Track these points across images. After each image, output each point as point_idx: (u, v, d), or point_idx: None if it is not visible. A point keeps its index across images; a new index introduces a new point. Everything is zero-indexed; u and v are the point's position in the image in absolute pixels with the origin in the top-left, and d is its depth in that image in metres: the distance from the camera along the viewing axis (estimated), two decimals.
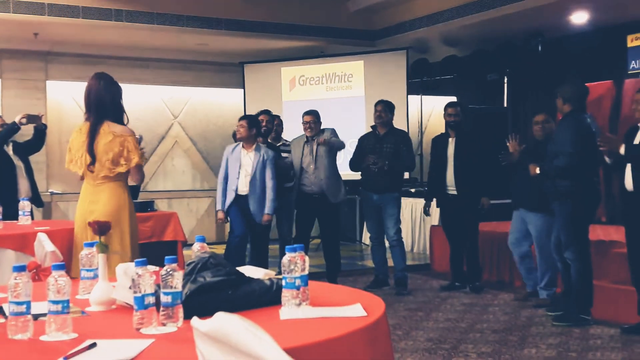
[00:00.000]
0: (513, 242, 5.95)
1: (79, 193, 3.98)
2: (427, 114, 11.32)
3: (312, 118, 6.30)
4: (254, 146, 6.10)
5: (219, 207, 6.11)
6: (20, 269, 1.72)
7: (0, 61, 9.38)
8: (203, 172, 10.73)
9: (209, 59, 10.42)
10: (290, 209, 6.66)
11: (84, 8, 8.20)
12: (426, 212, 6.58)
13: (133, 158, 3.79)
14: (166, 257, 1.83)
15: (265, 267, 6.08)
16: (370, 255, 6.65)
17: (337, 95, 9.94)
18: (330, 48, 10.01)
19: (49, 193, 9.52)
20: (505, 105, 10.49)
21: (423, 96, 10.47)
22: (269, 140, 6.63)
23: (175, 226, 6.44)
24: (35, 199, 6.01)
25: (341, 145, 6.32)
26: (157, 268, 2.12)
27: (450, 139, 6.37)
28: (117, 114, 3.87)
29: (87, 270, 2.27)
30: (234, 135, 6.72)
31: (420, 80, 10.23)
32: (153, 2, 8.56)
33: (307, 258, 2.03)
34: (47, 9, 8.01)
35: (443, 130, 6.78)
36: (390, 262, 6.62)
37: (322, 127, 6.36)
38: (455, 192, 6.31)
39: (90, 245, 2.32)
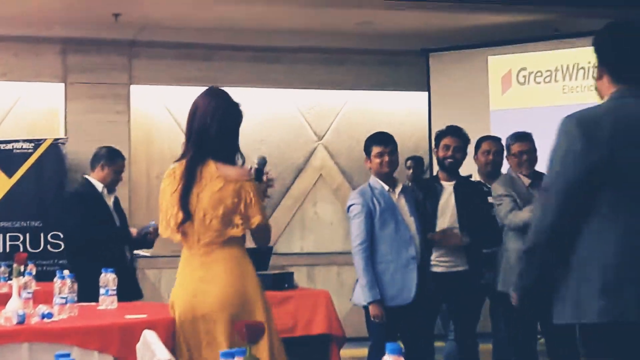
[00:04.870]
0: None
1: (178, 257, 4.20)
2: None
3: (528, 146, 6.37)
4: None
5: (374, 296, 5.93)
6: None
7: (65, 57, 10.02)
8: None
9: (375, 45, 10.57)
10: None
11: None
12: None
13: (254, 216, 4.04)
14: None
15: None
16: None
17: (581, 99, 9.68)
18: (569, 23, 9.89)
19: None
20: None
21: None
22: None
23: (329, 313, 6.53)
24: None
25: None
26: None
27: None
28: (228, 150, 4.15)
29: None
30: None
31: None
32: None
33: None
34: None
35: None
36: None
37: None
38: None
39: (230, 356, 2.38)
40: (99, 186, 6.72)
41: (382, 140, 6.06)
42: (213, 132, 4.09)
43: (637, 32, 3.53)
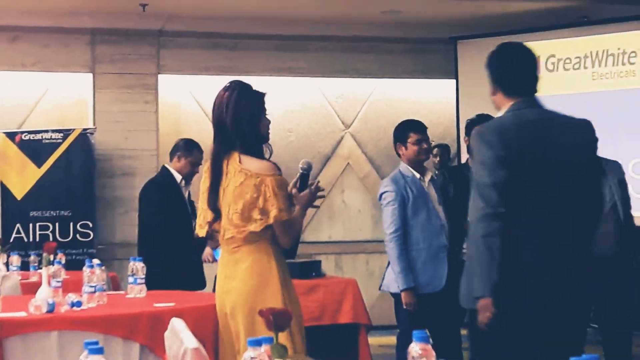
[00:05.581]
0: None
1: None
2: None
3: None
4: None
5: (407, 283, 5.92)
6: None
7: (94, 48, 10.08)
8: None
9: (402, 33, 10.55)
10: None
11: None
12: None
13: (271, 210, 3.98)
14: None
15: None
16: None
17: (611, 86, 9.68)
18: (598, 10, 9.83)
19: None
20: None
21: None
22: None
23: (355, 301, 6.52)
24: None
25: None
26: None
27: None
28: (248, 140, 4.11)
29: None
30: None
31: None
32: None
33: None
34: None
35: None
36: None
37: None
38: None
39: (257, 343, 2.39)
40: (178, 177, 6.75)
41: (420, 128, 6.06)
42: (228, 123, 4.08)
43: (524, 52, 4.01)
